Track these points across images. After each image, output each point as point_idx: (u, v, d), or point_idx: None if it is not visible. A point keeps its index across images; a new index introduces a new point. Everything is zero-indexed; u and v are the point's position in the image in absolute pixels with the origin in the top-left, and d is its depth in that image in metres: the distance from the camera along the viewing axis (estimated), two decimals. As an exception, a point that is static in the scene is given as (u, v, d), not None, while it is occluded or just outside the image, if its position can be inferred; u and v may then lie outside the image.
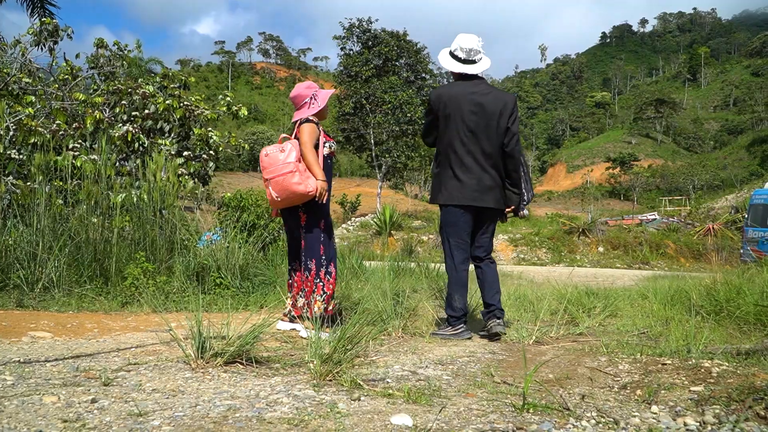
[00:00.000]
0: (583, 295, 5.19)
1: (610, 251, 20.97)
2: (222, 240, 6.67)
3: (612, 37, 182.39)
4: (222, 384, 1.84)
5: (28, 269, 4.85)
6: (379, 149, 38.30)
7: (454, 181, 3.59)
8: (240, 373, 2.02)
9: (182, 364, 2.11)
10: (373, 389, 1.85)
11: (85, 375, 1.88)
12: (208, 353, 2.03)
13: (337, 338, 2.15)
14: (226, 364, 2.07)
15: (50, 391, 1.62)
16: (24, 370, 2.03)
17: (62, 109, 7.45)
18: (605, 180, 73.76)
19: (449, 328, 3.50)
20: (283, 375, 2.04)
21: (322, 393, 1.77)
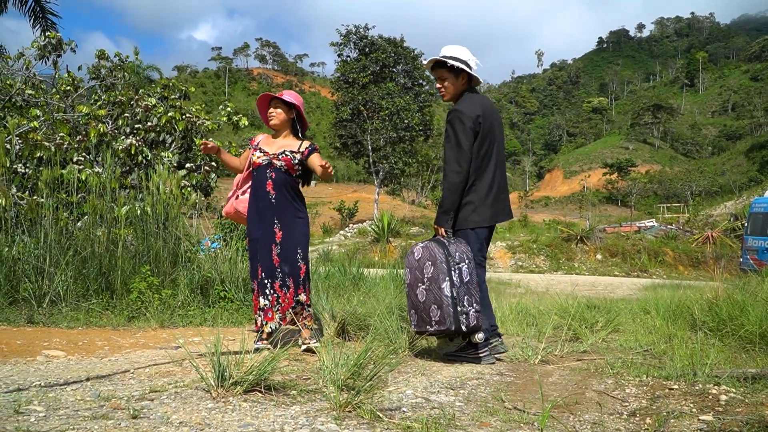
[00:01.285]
0: (585, 309, 5.24)
1: (608, 259, 21.05)
2: (221, 248, 6.71)
3: (609, 42, 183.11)
4: (245, 415, 1.89)
5: (35, 283, 4.89)
6: (377, 155, 38.43)
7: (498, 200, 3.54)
8: (260, 402, 2.06)
9: (202, 392, 2.15)
10: (392, 421, 1.89)
11: (111, 405, 1.92)
12: (227, 382, 2.08)
13: (352, 363, 2.20)
14: (245, 392, 2.12)
15: (84, 426, 1.66)
16: (47, 395, 2.07)
17: (65, 121, 7.49)
18: (602, 186, 73.99)
19: (472, 351, 3.34)
20: (301, 403, 2.09)
21: (345, 427, 1.81)
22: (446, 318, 3.11)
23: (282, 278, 3.63)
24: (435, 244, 3.32)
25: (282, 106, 3.82)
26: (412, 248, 3.48)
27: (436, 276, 3.20)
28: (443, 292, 3.15)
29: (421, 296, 3.26)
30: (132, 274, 5.47)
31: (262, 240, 3.65)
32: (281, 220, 3.66)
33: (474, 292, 3.29)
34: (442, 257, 3.23)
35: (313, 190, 79.86)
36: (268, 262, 3.63)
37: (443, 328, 3.14)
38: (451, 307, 3.13)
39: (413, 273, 3.37)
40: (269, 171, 3.68)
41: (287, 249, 3.65)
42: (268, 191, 3.66)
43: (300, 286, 3.66)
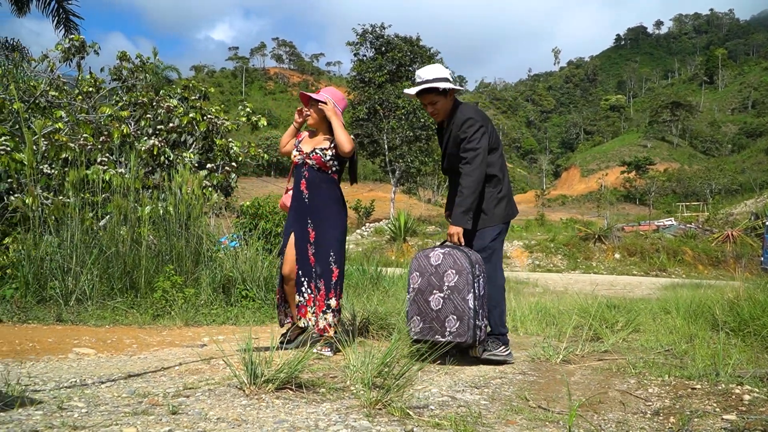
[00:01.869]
0: (605, 309, 5.24)
1: (626, 258, 20.90)
2: (240, 247, 6.80)
3: (626, 39, 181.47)
4: (278, 412, 1.94)
5: (62, 282, 5.00)
6: (393, 154, 38.49)
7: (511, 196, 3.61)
8: (291, 399, 2.12)
9: (235, 389, 2.21)
10: (421, 418, 1.94)
11: (149, 401, 1.99)
12: (260, 380, 2.14)
13: (378, 362, 2.25)
14: (277, 389, 2.17)
15: (126, 421, 1.72)
16: (85, 392, 2.14)
17: (88, 122, 7.62)
18: (620, 184, 73.38)
19: (503, 348, 3.37)
20: (331, 401, 2.14)
21: (376, 424, 1.86)
22: (466, 331, 3.05)
23: (315, 279, 3.61)
24: (458, 251, 3.24)
25: (315, 105, 3.77)
26: (425, 252, 3.39)
27: (461, 287, 3.12)
28: (467, 303, 3.08)
29: (435, 304, 3.17)
30: (155, 273, 5.57)
31: (299, 239, 3.67)
32: (314, 220, 3.65)
33: (486, 305, 3.29)
34: (468, 267, 3.16)
35: (329, 189, 79.78)
36: (305, 260, 3.64)
37: (460, 340, 3.07)
38: (473, 320, 3.07)
39: (427, 278, 3.26)
40: (303, 170, 3.68)
41: (320, 250, 3.62)
42: (302, 190, 3.67)
43: (331, 289, 3.60)
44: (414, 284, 3.33)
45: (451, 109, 3.54)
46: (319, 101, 3.71)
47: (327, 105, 3.66)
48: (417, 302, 3.27)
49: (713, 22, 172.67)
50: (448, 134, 3.55)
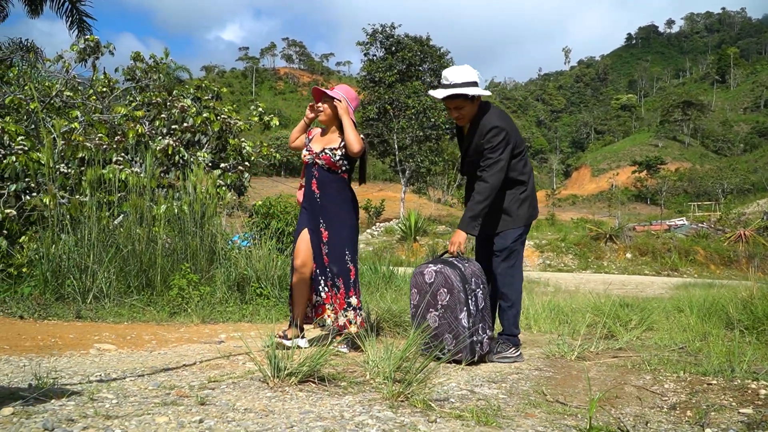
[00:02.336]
0: (618, 308, 5.25)
1: (638, 258, 20.82)
2: (252, 246, 6.85)
3: (637, 38, 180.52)
4: (303, 403, 1.98)
5: (79, 280, 5.07)
6: (403, 154, 38.52)
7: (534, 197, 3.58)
8: (314, 392, 2.16)
9: (258, 382, 2.26)
10: (443, 410, 1.97)
11: (176, 393, 2.04)
12: (283, 373, 2.18)
13: (398, 357, 2.29)
14: (299, 383, 2.21)
15: (157, 411, 1.77)
16: (111, 385, 2.19)
17: (103, 121, 7.70)
18: (631, 184, 73.01)
19: (513, 350, 3.34)
20: (353, 393, 2.18)
21: (400, 414, 1.89)
22: (462, 349, 3.00)
23: (332, 278, 3.59)
24: (449, 268, 3.13)
25: (329, 101, 3.71)
26: (421, 268, 3.30)
27: (453, 305, 3.05)
28: (461, 323, 3.01)
29: (432, 322, 3.11)
30: (171, 271, 5.64)
31: (313, 237, 3.63)
32: (326, 220, 3.61)
33: (488, 317, 3.22)
34: (459, 285, 3.06)
35: (339, 189, 79.71)
36: (319, 260, 3.62)
37: (457, 359, 3.02)
38: (468, 338, 3.01)
39: (423, 296, 3.21)
40: (314, 170, 3.65)
41: (334, 250, 3.58)
42: (313, 190, 3.64)
43: (351, 287, 3.59)
44: (414, 301, 3.30)
45: (475, 114, 3.43)
46: (334, 98, 3.68)
47: (341, 103, 3.64)
48: (416, 318, 3.24)
49: (725, 21, 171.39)
50: (471, 139, 3.45)
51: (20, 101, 6.80)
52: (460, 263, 3.19)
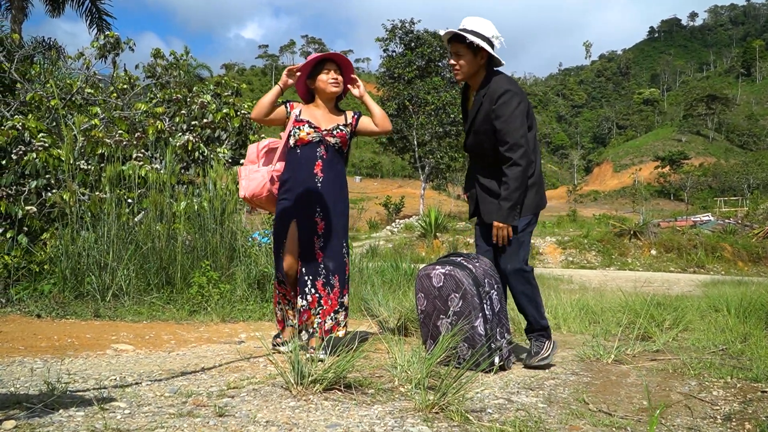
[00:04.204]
0: (650, 306, 5.03)
1: (663, 254, 20.40)
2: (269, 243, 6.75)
3: (660, 31, 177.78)
4: (329, 415, 1.85)
5: (99, 278, 5.01)
6: (422, 150, 38.31)
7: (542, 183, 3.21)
8: (341, 401, 2.02)
9: (281, 389, 2.12)
10: (482, 423, 1.83)
11: (194, 402, 1.92)
12: (306, 380, 2.04)
13: (429, 363, 2.15)
14: (324, 390, 2.08)
15: (172, 424, 1.65)
16: (125, 391, 2.08)
17: (123, 118, 7.66)
18: (654, 179, 71.95)
19: (548, 343, 3.03)
20: (381, 403, 2.03)
21: (436, 429, 1.75)
22: (480, 358, 2.70)
23: (326, 276, 3.14)
24: (459, 270, 2.83)
25: (339, 70, 3.30)
26: (426, 270, 3.00)
27: (467, 312, 2.75)
28: (477, 330, 2.73)
29: (444, 329, 2.81)
30: (191, 268, 5.56)
31: (304, 230, 3.16)
32: (325, 207, 3.17)
33: (505, 320, 2.94)
34: (472, 289, 2.77)
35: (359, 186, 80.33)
36: (309, 256, 3.15)
37: (475, 369, 2.66)
38: (486, 346, 2.73)
39: (431, 301, 2.93)
40: (320, 150, 3.18)
41: (331, 242, 3.17)
42: (315, 173, 3.16)
43: (345, 285, 3.21)
44: (421, 306, 3.01)
45: (483, 79, 3.08)
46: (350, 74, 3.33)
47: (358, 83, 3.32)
48: (427, 326, 2.96)
49: (750, 13, 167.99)
50: (477, 107, 3.08)
51: (41, 98, 6.76)
52: (469, 263, 2.91)
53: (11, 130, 6.01)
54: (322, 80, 3.26)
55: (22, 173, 5.96)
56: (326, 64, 3.28)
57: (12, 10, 13.27)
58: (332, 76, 3.25)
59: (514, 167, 2.92)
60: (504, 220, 2.95)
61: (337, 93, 3.30)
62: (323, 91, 3.27)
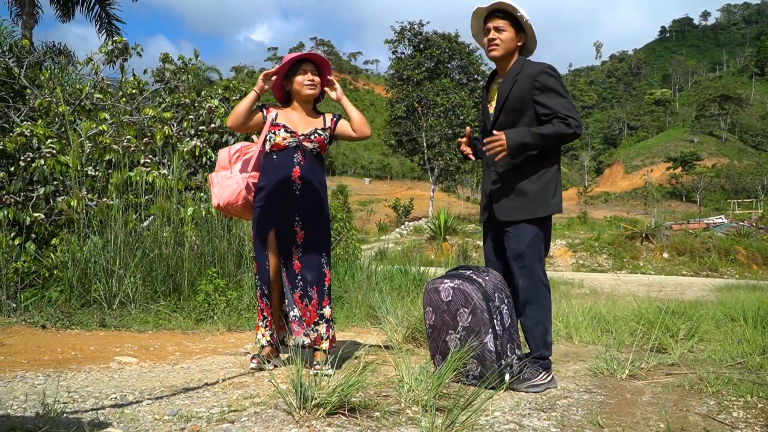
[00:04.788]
0: (662, 314, 4.92)
1: (675, 257, 20.19)
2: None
3: (672, 31, 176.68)
4: (333, 443, 1.78)
5: (105, 285, 4.97)
6: (432, 152, 38.25)
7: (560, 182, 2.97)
8: (345, 427, 1.94)
9: (283, 413, 2.05)
10: (491, 454, 1.75)
11: (192, 428, 1.86)
12: (310, 403, 1.97)
13: (437, 384, 2.07)
14: (328, 415, 2.01)
15: (167, 457, 1.59)
16: (125, 412, 2.02)
17: (131, 123, 7.64)
18: (666, 180, 71.38)
19: (543, 375, 2.79)
20: (387, 428, 1.96)
21: (443, 462, 1.68)
22: (490, 375, 2.61)
23: (303, 287, 3.04)
24: (468, 284, 2.71)
25: (316, 71, 3.16)
26: (434, 284, 2.87)
27: (477, 327, 2.65)
28: (486, 347, 2.63)
29: (453, 345, 2.71)
30: (198, 275, 5.52)
31: (283, 240, 3.04)
32: (304, 216, 3.05)
33: (516, 336, 2.80)
34: (482, 304, 2.65)
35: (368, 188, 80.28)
36: (289, 267, 3.06)
37: (485, 386, 2.61)
38: (496, 363, 2.63)
39: (439, 316, 2.81)
40: (297, 155, 3.05)
41: (310, 253, 3.05)
42: (293, 180, 3.02)
43: (324, 297, 3.08)
44: (429, 320, 2.89)
45: (515, 62, 2.92)
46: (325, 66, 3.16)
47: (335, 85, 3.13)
48: (435, 341, 2.86)
49: (764, 12, 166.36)
50: (511, 86, 2.87)
51: (49, 104, 6.76)
52: (479, 276, 2.78)
53: (20, 137, 6.01)
54: (298, 82, 3.12)
55: (31, 180, 5.95)
56: (303, 65, 3.14)
57: (23, 15, 13.34)
58: (308, 78, 3.11)
59: (564, 126, 2.73)
60: (512, 142, 2.73)
61: (313, 95, 3.16)
62: (299, 93, 3.14)
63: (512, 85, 2.86)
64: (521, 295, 2.87)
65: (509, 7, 2.88)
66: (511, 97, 2.85)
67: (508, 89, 2.87)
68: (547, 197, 2.86)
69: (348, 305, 5.82)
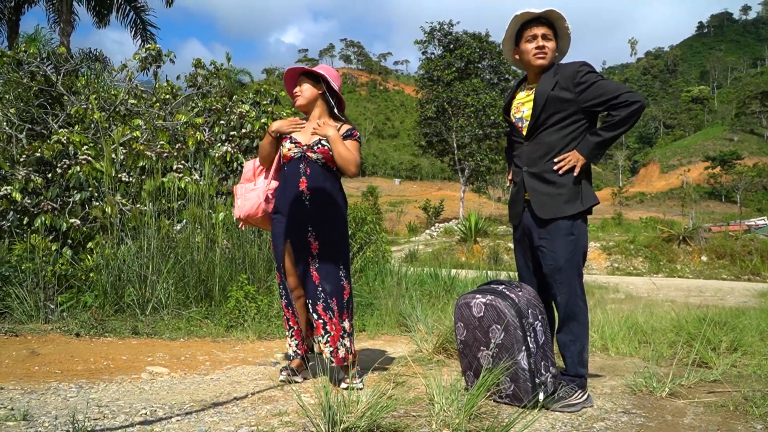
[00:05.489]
0: (702, 324, 4.75)
1: (714, 261, 19.65)
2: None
3: (710, 26, 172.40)
4: (360, 473, 1.74)
5: (139, 290, 5.03)
6: (462, 153, 38.01)
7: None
8: (373, 453, 1.91)
9: (311, 437, 2.03)
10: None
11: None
12: (339, 428, 1.93)
13: (470, 405, 2.01)
14: (356, 439, 1.97)
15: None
16: (152, 430, 2.01)
17: (165, 129, 7.74)
18: (704, 180, 69.62)
19: (579, 394, 2.69)
20: (417, 454, 1.92)
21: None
22: (523, 394, 2.56)
23: (325, 299, 3.01)
24: (501, 300, 2.64)
25: (308, 80, 3.14)
26: (465, 299, 2.80)
27: (510, 345, 2.58)
28: (520, 365, 2.56)
29: (485, 362, 2.65)
30: (229, 280, 5.54)
31: (298, 251, 3.05)
32: (317, 226, 3.02)
33: (550, 353, 2.71)
34: (515, 321, 2.58)
35: (398, 188, 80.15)
36: (307, 278, 3.04)
37: (518, 404, 2.58)
38: (530, 381, 2.56)
39: (471, 332, 2.75)
40: (302, 166, 3.03)
41: (327, 264, 3.02)
42: (302, 191, 3.01)
43: (344, 310, 3.03)
44: (460, 336, 2.84)
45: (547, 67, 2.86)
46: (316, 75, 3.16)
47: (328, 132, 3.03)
48: (467, 356, 2.80)
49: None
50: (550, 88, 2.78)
51: (85, 111, 6.88)
52: (512, 292, 2.70)
53: (56, 144, 6.13)
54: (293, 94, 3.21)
55: (67, 186, 6.06)
56: (299, 78, 3.19)
57: (60, 23, 13.66)
58: (297, 91, 3.16)
59: (623, 108, 2.65)
60: (586, 155, 2.71)
61: (300, 106, 3.16)
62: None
63: (552, 87, 2.78)
64: (558, 311, 2.79)
65: (559, 17, 2.87)
66: (552, 99, 2.77)
67: (547, 91, 2.79)
68: (580, 192, 2.77)
69: (378, 312, 5.79)
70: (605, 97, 2.68)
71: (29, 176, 5.67)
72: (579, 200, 2.75)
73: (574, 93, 2.74)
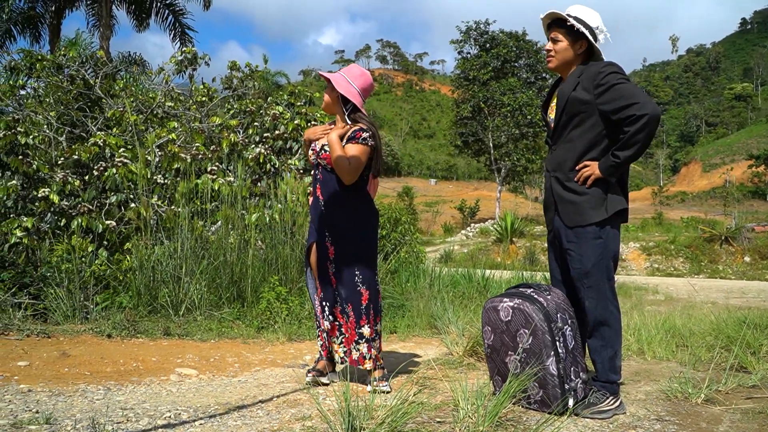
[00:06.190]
0: (742, 327, 4.57)
1: (758, 261, 19.02)
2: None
3: (753, 23, 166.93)
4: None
5: (172, 292, 5.10)
6: (498, 152, 37.71)
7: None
8: (394, 460, 1.88)
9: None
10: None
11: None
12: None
13: (494, 412, 1.97)
14: (380, 446, 1.94)
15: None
16: (177, 434, 2.03)
17: (200, 131, 7.85)
18: (747, 179, 67.51)
19: (610, 400, 2.61)
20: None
21: None
22: (552, 400, 2.49)
23: (341, 303, 3.05)
24: (529, 304, 2.58)
25: (329, 85, 3.14)
26: (493, 303, 2.74)
27: (538, 350, 2.52)
28: (548, 370, 2.50)
29: (513, 367, 2.60)
30: (261, 281, 5.58)
31: (319, 256, 3.11)
32: (333, 231, 3.05)
33: (580, 358, 2.65)
34: (543, 325, 2.52)
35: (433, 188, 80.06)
36: (325, 281, 3.11)
37: (546, 410, 2.52)
38: (558, 387, 2.49)
39: (498, 336, 2.69)
40: (317, 172, 3.11)
41: (342, 269, 3.02)
42: (317, 196, 3.09)
43: (363, 316, 3.00)
44: (488, 340, 2.78)
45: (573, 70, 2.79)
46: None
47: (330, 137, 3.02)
48: (494, 361, 2.75)
49: None
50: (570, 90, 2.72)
51: (122, 113, 7.02)
52: (540, 296, 2.64)
53: (93, 147, 6.26)
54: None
55: (103, 188, 6.20)
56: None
57: (100, 27, 14.00)
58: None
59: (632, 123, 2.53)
60: (602, 170, 2.62)
61: (325, 110, 3.22)
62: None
63: (573, 87, 2.71)
64: (588, 316, 2.70)
65: (561, 17, 2.78)
66: (572, 100, 2.70)
67: (568, 92, 2.73)
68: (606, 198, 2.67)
69: (410, 314, 5.76)
70: (619, 103, 2.58)
71: (67, 178, 5.80)
72: (603, 207, 2.67)
73: (593, 94, 2.65)
